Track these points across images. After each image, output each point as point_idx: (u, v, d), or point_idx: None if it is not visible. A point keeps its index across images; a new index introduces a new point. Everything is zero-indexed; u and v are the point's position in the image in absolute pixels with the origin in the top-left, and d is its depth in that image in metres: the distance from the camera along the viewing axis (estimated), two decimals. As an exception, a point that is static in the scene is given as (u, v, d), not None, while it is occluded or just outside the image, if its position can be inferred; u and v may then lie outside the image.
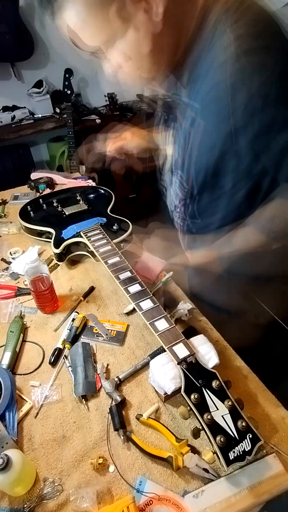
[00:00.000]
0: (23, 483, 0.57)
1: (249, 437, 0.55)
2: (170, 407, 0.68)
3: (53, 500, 0.57)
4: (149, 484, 0.58)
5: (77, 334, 0.82)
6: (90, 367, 0.75)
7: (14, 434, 0.65)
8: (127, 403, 0.69)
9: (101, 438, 0.64)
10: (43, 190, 1.41)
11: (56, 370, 0.76)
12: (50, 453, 0.63)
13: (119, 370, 0.75)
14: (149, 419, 0.65)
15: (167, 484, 0.58)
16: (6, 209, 1.33)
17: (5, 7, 2.14)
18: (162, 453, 0.60)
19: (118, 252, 0.91)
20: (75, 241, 1.00)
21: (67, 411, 0.69)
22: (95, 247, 0.94)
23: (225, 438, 0.54)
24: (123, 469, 0.60)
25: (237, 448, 0.54)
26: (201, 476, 0.57)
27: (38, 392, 0.71)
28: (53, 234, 1.04)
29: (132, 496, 0.57)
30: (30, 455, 0.63)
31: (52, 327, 0.86)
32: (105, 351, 0.80)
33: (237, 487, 0.56)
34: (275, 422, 0.65)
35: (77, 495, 0.56)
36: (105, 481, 0.59)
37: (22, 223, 1.14)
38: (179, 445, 0.60)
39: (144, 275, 0.96)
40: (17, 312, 0.88)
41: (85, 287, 0.96)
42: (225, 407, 0.57)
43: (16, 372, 0.76)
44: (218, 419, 0.56)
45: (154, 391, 0.71)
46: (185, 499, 0.56)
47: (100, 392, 0.71)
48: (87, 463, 0.61)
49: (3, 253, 1.11)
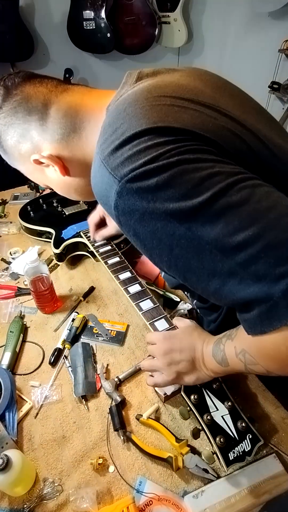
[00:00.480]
0: (23, 483, 0.57)
1: (249, 437, 0.55)
2: (170, 408, 0.68)
3: (53, 500, 0.57)
4: (149, 485, 0.58)
5: (77, 334, 0.82)
6: (90, 367, 0.75)
7: (14, 434, 0.65)
8: (127, 403, 0.69)
9: (101, 438, 0.64)
10: (43, 190, 1.41)
11: (56, 370, 0.76)
12: (50, 453, 0.63)
13: (119, 370, 0.75)
14: (149, 419, 0.65)
15: (167, 484, 0.58)
16: (6, 209, 1.33)
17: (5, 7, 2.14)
18: (162, 454, 0.60)
19: (118, 252, 0.91)
20: (75, 241, 1.00)
21: (67, 411, 0.69)
22: (95, 247, 0.94)
23: (225, 438, 0.54)
24: (123, 469, 0.60)
25: (237, 449, 0.54)
26: (201, 476, 0.57)
27: (38, 392, 0.71)
28: (53, 234, 1.04)
29: (132, 496, 0.57)
30: (30, 455, 0.63)
31: (52, 327, 0.86)
32: (105, 351, 0.80)
33: (237, 488, 0.56)
34: (275, 422, 0.64)
35: (77, 495, 0.56)
36: (105, 481, 0.59)
37: (22, 223, 1.14)
38: (179, 446, 0.60)
39: (144, 275, 0.96)
40: (17, 312, 0.88)
41: (85, 287, 0.96)
42: (225, 407, 0.57)
43: (16, 372, 0.76)
44: (218, 419, 0.56)
45: (154, 392, 0.71)
46: (185, 499, 0.56)
47: (100, 392, 0.71)
48: (87, 463, 0.61)
49: (3, 253, 1.10)
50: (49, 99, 0.56)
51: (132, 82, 0.54)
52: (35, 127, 0.56)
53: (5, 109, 0.56)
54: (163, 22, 2.43)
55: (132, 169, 0.40)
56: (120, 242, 0.99)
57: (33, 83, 0.57)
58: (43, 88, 0.56)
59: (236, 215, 0.38)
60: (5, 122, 0.57)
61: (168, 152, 0.40)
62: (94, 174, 0.48)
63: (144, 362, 0.65)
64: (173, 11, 2.36)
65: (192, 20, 2.52)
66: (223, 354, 0.52)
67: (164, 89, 0.48)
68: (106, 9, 2.26)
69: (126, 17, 2.34)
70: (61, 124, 0.56)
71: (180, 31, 2.44)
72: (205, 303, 0.67)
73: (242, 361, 0.48)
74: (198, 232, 0.39)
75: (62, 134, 0.56)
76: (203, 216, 0.39)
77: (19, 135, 0.57)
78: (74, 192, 0.66)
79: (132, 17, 2.34)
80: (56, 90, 0.57)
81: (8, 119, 0.56)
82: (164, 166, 0.39)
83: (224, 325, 0.57)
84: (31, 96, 0.56)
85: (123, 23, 2.36)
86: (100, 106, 0.55)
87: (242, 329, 0.44)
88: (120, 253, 0.90)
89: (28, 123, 0.56)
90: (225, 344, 0.52)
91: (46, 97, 0.56)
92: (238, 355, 0.49)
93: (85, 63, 2.64)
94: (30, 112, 0.55)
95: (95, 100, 0.57)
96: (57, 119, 0.56)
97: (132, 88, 0.52)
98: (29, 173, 0.64)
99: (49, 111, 0.55)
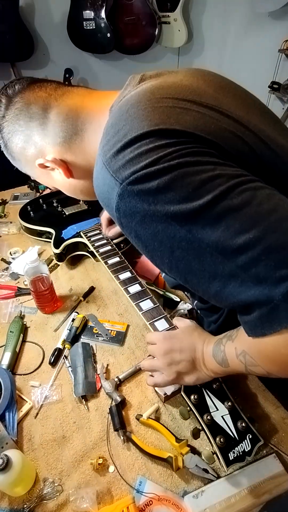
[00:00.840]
0: (23, 483, 0.57)
1: (249, 437, 0.55)
2: (170, 408, 0.68)
3: (53, 501, 0.57)
4: (149, 485, 0.58)
5: (77, 334, 0.82)
6: (90, 367, 0.75)
7: (14, 434, 0.65)
8: (127, 403, 0.69)
9: (101, 438, 0.64)
10: (43, 190, 1.41)
11: (56, 370, 0.76)
12: (50, 453, 0.63)
13: (119, 370, 0.75)
14: (149, 419, 0.65)
15: (167, 484, 0.58)
16: (6, 209, 1.33)
17: (5, 7, 2.14)
18: (162, 454, 0.60)
19: (118, 252, 0.91)
20: (75, 241, 1.00)
21: (67, 411, 0.69)
22: (95, 247, 0.94)
23: (225, 438, 0.54)
24: (123, 469, 0.60)
25: (237, 449, 0.54)
26: (201, 476, 0.57)
27: (38, 392, 0.71)
28: (53, 234, 1.04)
29: (132, 496, 0.57)
30: (30, 455, 0.63)
31: (52, 327, 0.86)
32: (105, 351, 0.80)
33: (237, 488, 0.56)
34: (275, 422, 0.65)
35: (77, 495, 0.56)
36: (105, 481, 0.59)
37: (22, 223, 1.14)
38: (179, 446, 0.60)
39: (144, 275, 0.96)
40: (17, 312, 0.88)
41: (85, 287, 0.96)
42: (225, 407, 0.57)
43: (16, 372, 0.76)
44: (218, 419, 0.56)
45: (154, 392, 0.71)
46: (185, 499, 0.56)
47: (100, 392, 0.71)
48: (87, 463, 0.61)
49: (3, 253, 1.10)
50: (48, 104, 0.56)
51: (135, 84, 0.54)
52: (37, 132, 0.57)
53: (8, 117, 0.57)
54: (163, 22, 2.43)
55: (133, 172, 0.40)
56: (120, 242, 0.99)
57: (32, 89, 0.58)
58: (43, 93, 0.57)
59: (237, 218, 0.38)
60: (9, 130, 0.58)
61: (169, 154, 0.40)
62: (96, 176, 0.48)
63: (144, 362, 0.65)
64: (173, 11, 2.36)
65: (192, 20, 2.52)
66: (224, 355, 0.52)
67: (166, 90, 0.48)
68: (106, 9, 2.26)
69: (126, 17, 2.34)
70: (62, 127, 0.56)
71: (180, 31, 2.44)
72: (206, 304, 0.67)
73: (243, 362, 0.48)
74: (199, 234, 0.39)
75: (64, 137, 0.57)
76: (204, 219, 0.39)
77: (23, 141, 0.59)
78: (80, 193, 0.67)
79: (132, 17, 2.34)
80: (56, 93, 0.57)
81: (11, 127, 0.58)
82: (165, 169, 0.39)
83: (225, 326, 0.57)
84: (31, 102, 0.56)
85: (123, 23, 2.36)
86: (101, 107, 0.55)
87: (243, 331, 0.44)
88: (120, 253, 0.90)
89: (30, 129, 0.57)
90: (225, 345, 0.52)
91: (45, 102, 0.56)
92: (238, 356, 0.49)
93: (85, 63, 2.65)
94: (32, 118, 0.56)
95: (96, 102, 0.57)
96: (58, 122, 0.56)
97: (135, 89, 0.52)
98: (37, 177, 0.66)
99: (49, 115, 0.56)
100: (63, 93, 0.58)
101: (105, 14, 2.27)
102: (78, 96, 0.58)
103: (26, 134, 0.58)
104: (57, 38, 2.45)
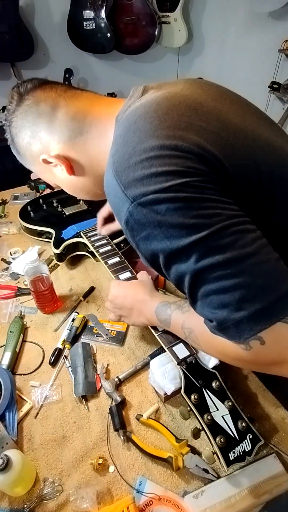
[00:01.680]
0: (23, 483, 0.57)
1: (249, 437, 0.55)
2: (170, 407, 0.68)
3: (53, 501, 0.57)
4: (149, 485, 0.58)
5: (77, 334, 0.82)
6: (90, 367, 0.75)
7: (14, 434, 0.65)
8: (127, 403, 0.69)
9: (101, 438, 0.64)
10: (43, 190, 1.41)
11: (56, 370, 0.76)
12: (50, 453, 0.63)
13: (119, 370, 0.75)
14: (149, 419, 0.65)
15: (167, 484, 0.58)
16: (6, 209, 1.33)
17: (5, 7, 2.14)
18: (162, 454, 0.60)
19: (118, 252, 0.91)
20: (75, 241, 1.00)
21: (67, 412, 0.69)
22: (95, 247, 0.94)
23: (225, 438, 0.54)
24: (123, 469, 0.60)
25: (237, 449, 0.54)
26: (201, 476, 0.57)
27: (38, 392, 0.71)
28: (53, 234, 1.04)
29: (132, 496, 0.57)
30: (30, 455, 0.63)
31: (52, 327, 0.86)
32: (105, 351, 0.80)
33: (237, 488, 0.56)
34: (275, 422, 0.65)
35: (77, 495, 0.56)
36: (105, 481, 0.59)
37: (22, 223, 1.14)
38: (179, 446, 0.60)
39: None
40: (17, 312, 0.88)
41: (85, 287, 0.96)
42: (225, 407, 0.57)
43: (16, 372, 0.76)
44: (218, 419, 0.56)
45: (154, 392, 0.71)
46: (185, 499, 0.56)
47: (100, 392, 0.71)
48: (87, 463, 0.61)
49: (3, 253, 1.10)
50: (57, 103, 0.59)
51: (138, 95, 0.57)
52: (44, 128, 0.60)
53: (18, 113, 0.60)
54: (163, 22, 2.43)
55: (144, 194, 0.44)
56: (120, 242, 0.99)
57: (43, 88, 0.61)
58: (53, 93, 0.60)
59: (222, 255, 0.43)
60: (17, 125, 0.61)
61: (177, 185, 0.44)
62: (107, 184, 0.50)
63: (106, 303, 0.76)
64: (173, 11, 2.36)
65: (192, 20, 2.52)
66: (168, 318, 0.61)
67: (171, 101, 0.51)
68: (106, 9, 2.26)
69: (126, 17, 2.34)
70: (68, 126, 0.59)
71: (180, 31, 2.44)
72: None
73: (185, 334, 0.57)
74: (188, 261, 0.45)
75: (69, 136, 0.60)
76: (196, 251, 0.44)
77: (30, 136, 0.61)
78: (80, 191, 0.69)
79: (132, 17, 2.34)
80: (65, 94, 0.60)
81: (20, 122, 0.61)
82: (173, 199, 0.44)
83: None
84: (41, 100, 0.59)
85: (123, 23, 2.36)
86: (108, 114, 0.59)
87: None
88: (120, 253, 0.90)
89: (38, 125, 0.60)
90: (173, 311, 0.60)
91: (55, 101, 0.59)
92: (183, 328, 0.57)
93: (85, 63, 2.64)
94: (40, 115, 0.59)
95: (104, 108, 0.60)
96: (65, 121, 0.59)
97: (139, 100, 0.55)
98: (40, 173, 0.69)
99: (58, 114, 0.59)
100: (72, 95, 0.61)
101: (105, 14, 2.27)
102: (87, 100, 0.61)
103: (33, 130, 0.60)
104: (57, 38, 2.45)
